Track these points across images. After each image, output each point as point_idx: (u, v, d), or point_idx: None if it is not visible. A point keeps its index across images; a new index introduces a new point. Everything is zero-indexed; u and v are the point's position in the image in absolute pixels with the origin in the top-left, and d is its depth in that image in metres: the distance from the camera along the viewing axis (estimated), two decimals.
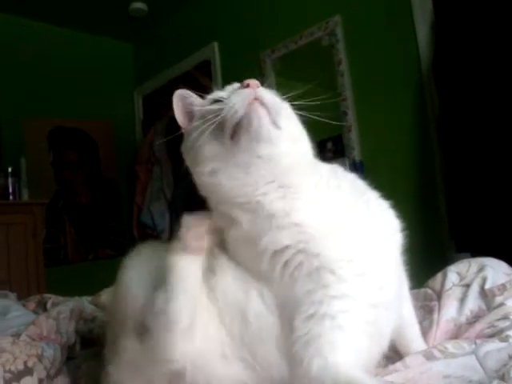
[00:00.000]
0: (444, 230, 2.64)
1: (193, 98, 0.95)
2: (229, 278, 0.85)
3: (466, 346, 0.95)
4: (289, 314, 0.79)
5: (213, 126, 0.80)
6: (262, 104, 0.79)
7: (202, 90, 0.97)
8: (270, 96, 0.81)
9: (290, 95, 0.93)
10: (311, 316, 0.77)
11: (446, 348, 0.95)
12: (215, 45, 4.12)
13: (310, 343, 0.76)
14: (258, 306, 0.82)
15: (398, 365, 0.93)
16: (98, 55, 4.74)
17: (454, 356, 0.92)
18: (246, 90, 0.80)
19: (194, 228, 0.85)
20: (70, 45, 4.53)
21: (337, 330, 0.76)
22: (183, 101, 0.95)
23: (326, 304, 0.77)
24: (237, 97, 0.80)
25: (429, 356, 0.94)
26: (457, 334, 1.09)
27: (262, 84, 0.88)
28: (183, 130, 0.93)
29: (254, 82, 0.82)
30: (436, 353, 0.94)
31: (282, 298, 0.81)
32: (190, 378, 0.80)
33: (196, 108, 0.93)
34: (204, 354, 0.81)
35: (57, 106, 4.35)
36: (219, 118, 0.79)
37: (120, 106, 4.85)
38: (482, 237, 2.36)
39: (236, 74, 3.80)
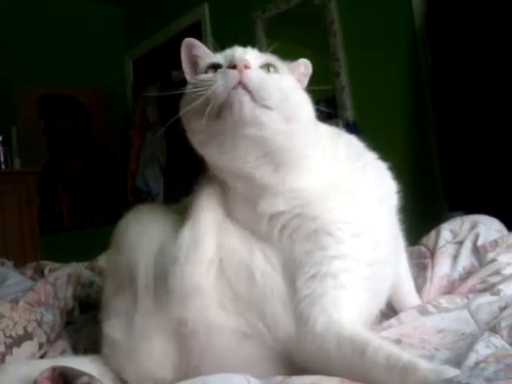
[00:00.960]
0: (437, 188, 2.66)
1: (200, 48, 0.91)
2: (234, 239, 0.86)
3: (459, 300, 0.97)
4: (291, 274, 0.81)
5: (198, 102, 0.77)
6: (246, 89, 0.74)
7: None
8: (257, 78, 0.76)
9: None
10: (313, 276, 0.79)
11: (439, 303, 0.97)
12: (206, 6, 4.05)
13: (315, 302, 0.78)
14: (264, 264, 0.82)
15: (393, 321, 0.95)
16: (87, 19, 4.64)
17: (447, 310, 0.94)
18: (231, 73, 0.75)
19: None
20: (58, 9, 4.43)
21: (340, 287, 0.79)
22: (189, 50, 0.91)
23: (327, 264, 0.79)
24: (221, 79, 0.76)
25: (423, 311, 0.96)
26: (450, 289, 1.11)
27: (255, 47, 0.85)
28: (188, 81, 0.89)
29: (242, 62, 0.76)
30: (430, 308, 0.96)
31: (284, 258, 0.82)
32: (191, 324, 0.82)
33: (201, 61, 0.89)
34: (205, 299, 0.82)
35: (46, 73, 4.28)
36: (202, 98, 0.76)
37: (110, 70, 4.78)
38: (474, 195, 2.37)
39: (227, 35, 3.75)
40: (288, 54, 0.95)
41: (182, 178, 3.88)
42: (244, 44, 0.87)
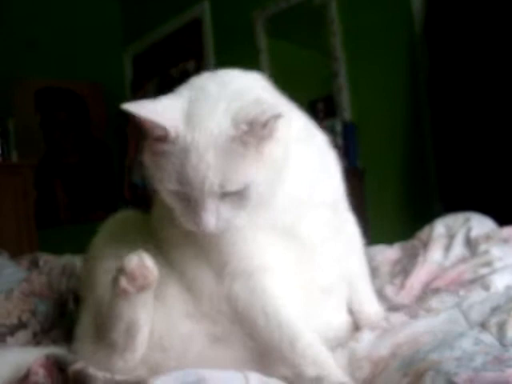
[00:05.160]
0: (433, 190, 2.67)
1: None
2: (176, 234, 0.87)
3: (449, 299, 0.95)
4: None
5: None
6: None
7: (192, 49, 0.94)
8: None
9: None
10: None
11: (429, 306, 0.95)
12: (206, 3, 4.04)
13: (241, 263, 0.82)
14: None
15: (382, 322, 0.94)
16: (86, 14, 4.60)
17: (437, 312, 0.92)
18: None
19: (137, 269, 0.77)
20: (56, 3, 4.41)
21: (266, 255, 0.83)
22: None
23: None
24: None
25: (413, 314, 0.94)
26: (440, 274, 1.11)
27: (255, 45, 0.80)
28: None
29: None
30: (420, 311, 0.94)
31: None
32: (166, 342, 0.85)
33: None
34: (167, 321, 0.84)
35: (45, 67, 4.27)
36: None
37: (109, 65, 4.75)
38: (469, 197, 2.38)
39: (227, 32, 3.75)
40: (287, 52, 0.95)
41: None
42: (243, 42, 0.86)
